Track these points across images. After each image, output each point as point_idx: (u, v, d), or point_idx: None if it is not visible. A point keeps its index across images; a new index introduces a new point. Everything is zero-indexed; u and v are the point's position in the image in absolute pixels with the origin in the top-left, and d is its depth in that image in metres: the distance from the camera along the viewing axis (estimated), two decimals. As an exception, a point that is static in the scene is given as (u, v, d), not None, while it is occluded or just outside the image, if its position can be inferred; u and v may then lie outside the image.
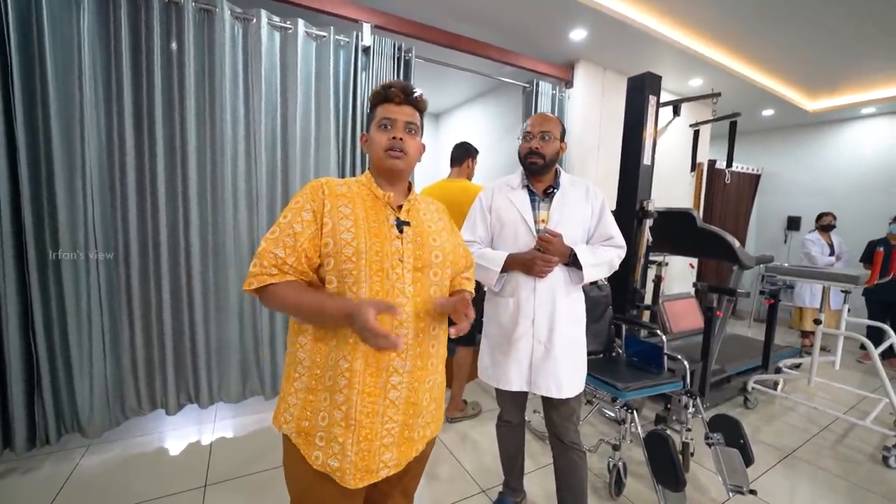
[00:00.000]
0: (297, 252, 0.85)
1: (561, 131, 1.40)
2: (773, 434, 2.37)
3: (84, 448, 1.93)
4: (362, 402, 0.84)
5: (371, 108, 0.97)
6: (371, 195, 0.93)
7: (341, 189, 0.91)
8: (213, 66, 2.00)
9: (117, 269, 1.94)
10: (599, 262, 1.35)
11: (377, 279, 0.86)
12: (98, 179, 1.83)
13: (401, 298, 0.87)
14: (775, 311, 2.73)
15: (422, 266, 0.92)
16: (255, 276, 0.84)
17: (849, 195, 4.57)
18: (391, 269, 0.87)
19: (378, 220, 0.90)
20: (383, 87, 0.94)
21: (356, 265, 0.85)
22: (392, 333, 0.79)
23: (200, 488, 1.70)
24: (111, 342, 1.94)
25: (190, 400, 2.15)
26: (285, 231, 0.86)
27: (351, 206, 0.89)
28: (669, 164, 3.76)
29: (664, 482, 1.62)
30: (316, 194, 0.89)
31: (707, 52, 3.06)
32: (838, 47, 2.94)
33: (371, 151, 0.96)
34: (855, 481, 1.96)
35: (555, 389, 1.34)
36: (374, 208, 0.91)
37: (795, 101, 3.99)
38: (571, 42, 2.85)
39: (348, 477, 0.84)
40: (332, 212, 0.87)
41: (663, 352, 1.91)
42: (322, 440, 0.85)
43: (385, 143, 0.92)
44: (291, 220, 0.86)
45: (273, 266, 0.84)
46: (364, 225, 0.88)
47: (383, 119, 0.93)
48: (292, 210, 0.88)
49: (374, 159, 0.95)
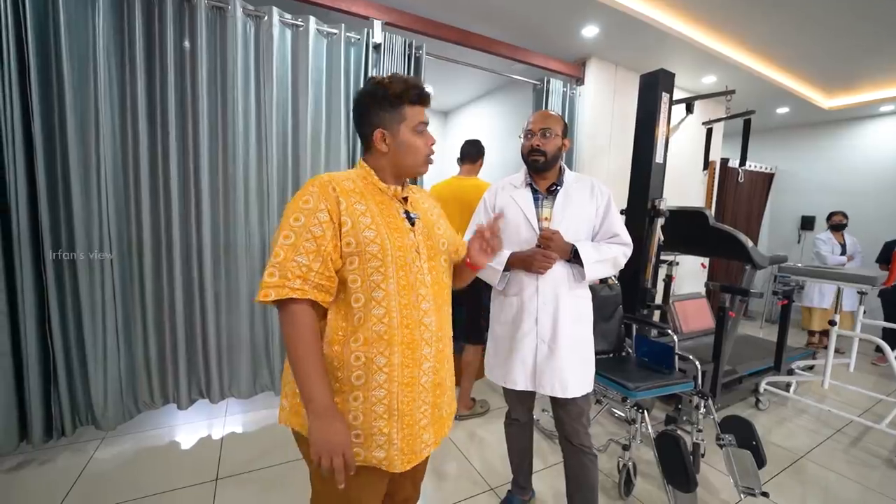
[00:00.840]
0: (323, 256, 0.81)
1: (563, 128, 1.39)
2: (784, 436, 2.34)
3: (98, 440, 1.97)
4: (402, 393, 0.87)
5: (393, 103, 0.89)
6: (376, 188, 0.92)
7: (348, 185, 0.88)
8: (225, 63, 2.01)
9: (131, 265, 1.96)
10: (603, 258, 1.32)
11: (402, 273, 0.87)
12: (112, 176, 1.86)
13: (423, 290, 0.90)
14: (788, 312, 2.68)
15: (434, 255, 0.95)
16: (275, 287, 0.78)
17: (865, 194, 4.47)
18: (412, 262, 0.89)
19: (391, 213, 0.90)
20: (413, 87, 0.90)
21: (383, 262, 0.85)
22: (339, 459, 0.77)
23: (212, 482, 1.72)
24: (125, 337, 1.97)
25: (201, 395, 2.18)
26: (302, 235, 0.80)
27: (364, 201, 0.88)
28: (681, 163, 3.72)
29: (675, 483, 1.61)
30: (327, 192, 0.84)
31: (721, 49, 3.02)
32: (857, 44, 2.87)
33: (400, 153, 0.91)
34: (869, 486, 1.93)
35: (559, 389, 1.33)
36: (384, 202, 0.91)
37: (812, 99, 3.92)
38: (583, 39, 2.82)
39: (396, 462, 0.87)
40: (348, 209, 0.84)
41: (674, 352, 1.89)
42: (360, 437, 0.85)
43: (426, 150, 0.94)
44: (307, 223, 0.81)
45: (298, 277, 0.79)
46: (382, 220, 0.88)
47: (420, 124, 0.92)
48: (303, 212, 0.82)
49: (407, 163, 0.93)
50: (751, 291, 2.19)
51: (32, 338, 1.72)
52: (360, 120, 0.94)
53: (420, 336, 0.89)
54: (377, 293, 0.85)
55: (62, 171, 1.74)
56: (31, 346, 1.72)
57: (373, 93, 0.90)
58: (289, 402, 0.90)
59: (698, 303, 3.35)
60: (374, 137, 0.91)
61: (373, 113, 0.90)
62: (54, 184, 1.73)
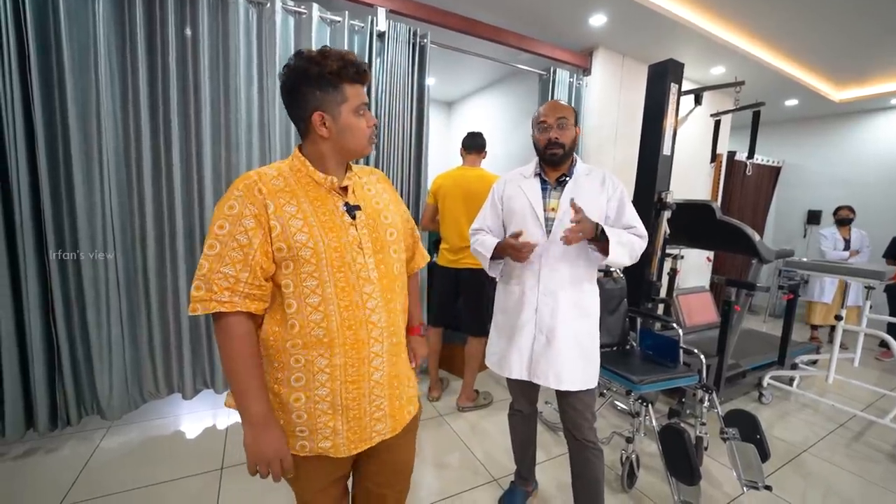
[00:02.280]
0: (251, 266, 0.77)
1: (574, 116, 1.37)
2: (787, 430, 2.34)
3: (104, 430, 1.98)
4: (347, 391, 0.84)
5: (331, 82, 0.80)
6: (311, 181, 0.84)
7: (277, 182, 0.81)
8: (227, 51, 1.98)
9: (134, 254, 1.96)
10: (624, 241, 1.28)
11: (340, 275, 0.82)
12: (115, 166, 1.84)
13: (368, 287, 0.85)
14: (794, 307, 2.67)
15: (381, 248, 0.89)
16: (201, 302, 0.75)
17: (874, 189, 4.41)
18: (353, 260, 0.83)
19: (327, 210, 0.84)
20: (352, 63, 0.81)
21: (317, 266, 0.80)
22: (276, 464, 0.81)
23: (217, 471, 1.74)
24: (129, 327, 1.97)
25: (206, 385, 2.19)
26: (228, 244, 0.76)
27: (295, 201, 0.81)
28: (687, 155, 3.67)
29: (679, 475, 1.61)
30: (252, 195, 0.78)
31: (730, 39, 2.96)
32: (869, 35, 2.81)
33: (342, 138, 0.84)
34: (872, 480, 1.93)
35: (553, 380, 1.32)
36: (318, 198, 0.84)
37: (822, 91, 3.85)
38: (591, 28, 2.77)
39: (342, 449, 0.86)
40: (277, 212, 0.78)
41: (679, 345, 1.89)
42: (305, 431, 0.85)
43: (368, 132, 0.87)
44: (232, 230, 0.76)
45: (225, 290, 0.75)
46: (315, 220, 0.81)
47: (361, 104, 0.85)
48: (228, 218, 0.76)
49: (350, 147, 0.86)
50: (757, 286, 2.17)
51: (37, 328, 1.73)
52: (291, 102, 0.83)
53: (367, 335, 0.85)
54: (312, 299, 0.81)
55: (64, 162, 1.73)
56: (36, 335, 1.73)
57: (304, 70, 0.79)
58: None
59: (702, 296, 3.34)
60: (312, 121, 0.82)
61: (307, 93, 0.80)
62: (56, 174, 1.72)
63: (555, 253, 1.32)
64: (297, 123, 0.85)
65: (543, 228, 1.33)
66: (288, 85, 0.82)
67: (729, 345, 2.32)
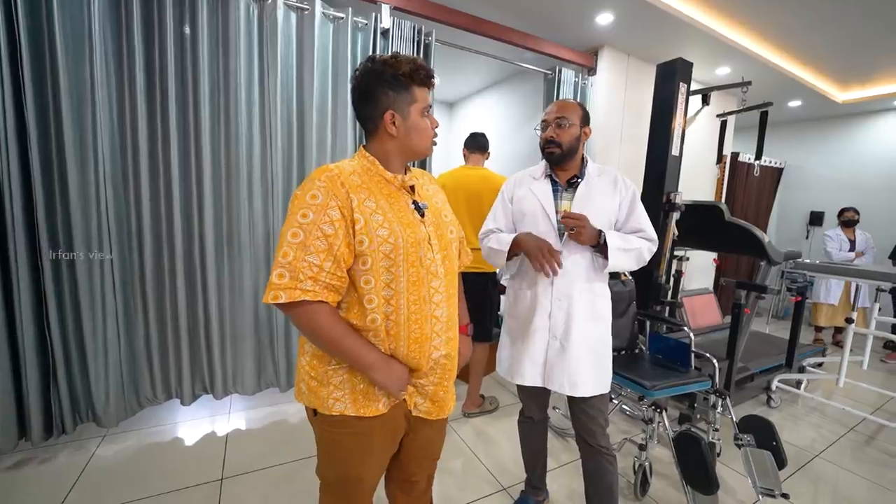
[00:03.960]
0: (335, 256, 0.78)
1: (581, 116, 1.31)
2: (797, 435, 2.31)
3: (100, 437, 1.92)
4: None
5: (402, 83, 0.85)
6: (381, 179, 0.88)
7: (355, 179, 0.84)
8: (227, 49, 1.92)
9: (131, 257, 1.90)
10: (628, 248, 1.25)
11: (413, 270, 0.85)
12: (111, 165, 1.78)
13: (435, 282, 0.89)
14: (801, 309, 2.64)
15: (444, 245, 0.93)
16: (286, 290, 0.75)
17: (877, 190, 4.40)
18: (423, 255, 0.87)
19: (401, 207, 0.88)
20: (422, 67, 0.87)
21: (394, 262, 0.83)
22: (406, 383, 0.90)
23: (217, 481, 1.68)
24: (126, 331, 1.91)
25: (205, 390, 2.13)
26: (312, 233, 0.77)
27: (373, 197, 0.84)
28: (692, 155, 3.64)
29: (695, 484, 1.57)
30: (336, 188, 0.80)
31: (737, 39, 2.93)
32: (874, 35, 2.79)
33: (409, 136, 0.89)
34: (885, 485, 1.89)
35: (568, 386, 1.28)
36: (391, 195, 0.88)
37: (826, 92, 3.83)
38: (597, 27, 2.73)
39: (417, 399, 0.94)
40: (359, 207, 0.81)
41: (691, 349, 1.85)
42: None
43: (431, 132, 0.92)
44: (316, 219, 0.77)
45: (309, 278, 0.76)
46: (393, 216, 0.85)
47: (427, 106, 0.90)
48: (312, 208, 0.78)
49: (416, 146, 0.91)
50: (769, 288, 2.14)
51: (30, 333, 1.66)
52: (364, 102, 0.87)
53: (431, 329, 0.89)
54: (387, 292, 0.84)
55: (58, 161, 1.66)
56: (29, 341, 1.66)
57: (380, 72, 0.85)
58: (306, 385, 0.89)
59: (706, 298, 3.30)
60: (384, 120, 0.86)
61: (380, 93, 0.85)
62: (49, 172, 1.66)
63: (567, 256, 1.27)
64: (366, 123, 0.89)
65: (556, 231, 1.29)
66: (362, 86, 0.87)
67: (738, 348, 2.28)
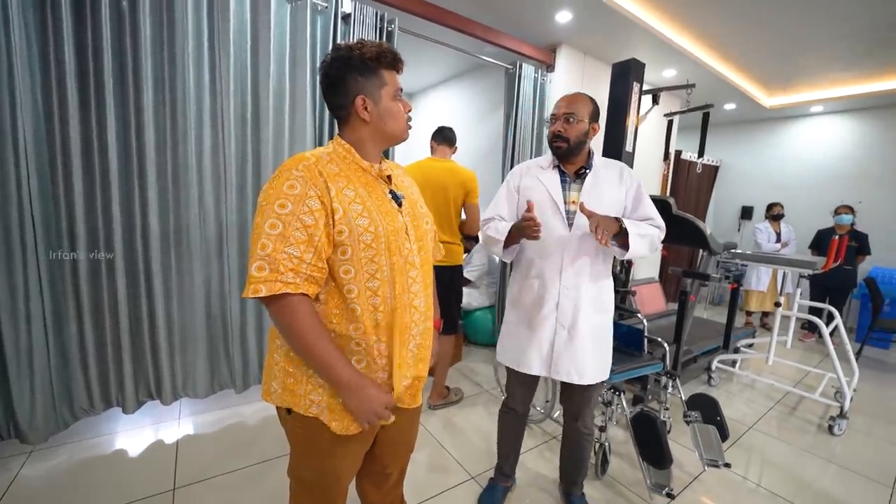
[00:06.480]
0: (315, 247, 0.77)
1: (591, 112, 1.33)
2: (734, 409, 2.53)
3: (25, 455, 1.71)
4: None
5: (370, 68, 0.84)
6: (358, 168, 0.87)
7: (332, 168, 0.82)
8: (172, 26, 1.75)
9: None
10: (643, 234, 1.28)
11: (395, 259, 0.85)
12: (35, 152, 1.57)
13: (413, 272, 0.89)
14: (737, 295, 2.89)
15: (420, 236, 0.93)
16: (265, 282, 0.73)
17: (798, 187, 4.91)
18: (402, 245, 0.86)
19: (378, 196, 0.87)
20: (388, 51, 0.85)
21: (377, 251, 0.82)
22: (386, 412, 0.84)
23: (169, 492, 1.56)
24: (55, 336, 1.71)
25: (150, 396, 1.96)
26: (292, 224, 0.75)
27: (352, 186, 0.83)
28: (641, 153, 3.84)
29: (651, 460, 1.67)
30: (314, 177, 0.78)
31: (684, 44, 3.12)
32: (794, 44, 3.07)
33: (383, 121, 0.87)
34: (804, 448, 2.14)
35: (576, 375, 1.33)
36: (369, 183, 0.87)
37: (755, 97, 4.19)
38: (556, 24, 2.80)
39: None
40: (338, 196, 0.79)
41: (644, 335, 1.96)
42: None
43: (405, 116, 0.90)
44: (295, 210, 0.75)
45: (290, 270, 0.74)
46: (373, 205, 0.84)
47: (398, 90, 0.89)
48: (290, 198, 0.75)
49: (390, 130, 0.89)
50: (712, 276, 2.31)
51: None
52: (334, 89, 0.85)
53: (410, 319, 0.89)
54: (372, 283, 0.83)
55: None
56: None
57: (347, 58, 0.83)
58: (280, 384, 0.86)
59: (652, 287, 3.53)
60: (356, 105, 0.85)
61: (350, 79, 0.84)
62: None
63: (576, 247, 1.30)
64: (339, 112, 0.88)
65: (565, 221, 1.31)
66: (331, 74, 0.85)
67: (685, 332, 2.46)
